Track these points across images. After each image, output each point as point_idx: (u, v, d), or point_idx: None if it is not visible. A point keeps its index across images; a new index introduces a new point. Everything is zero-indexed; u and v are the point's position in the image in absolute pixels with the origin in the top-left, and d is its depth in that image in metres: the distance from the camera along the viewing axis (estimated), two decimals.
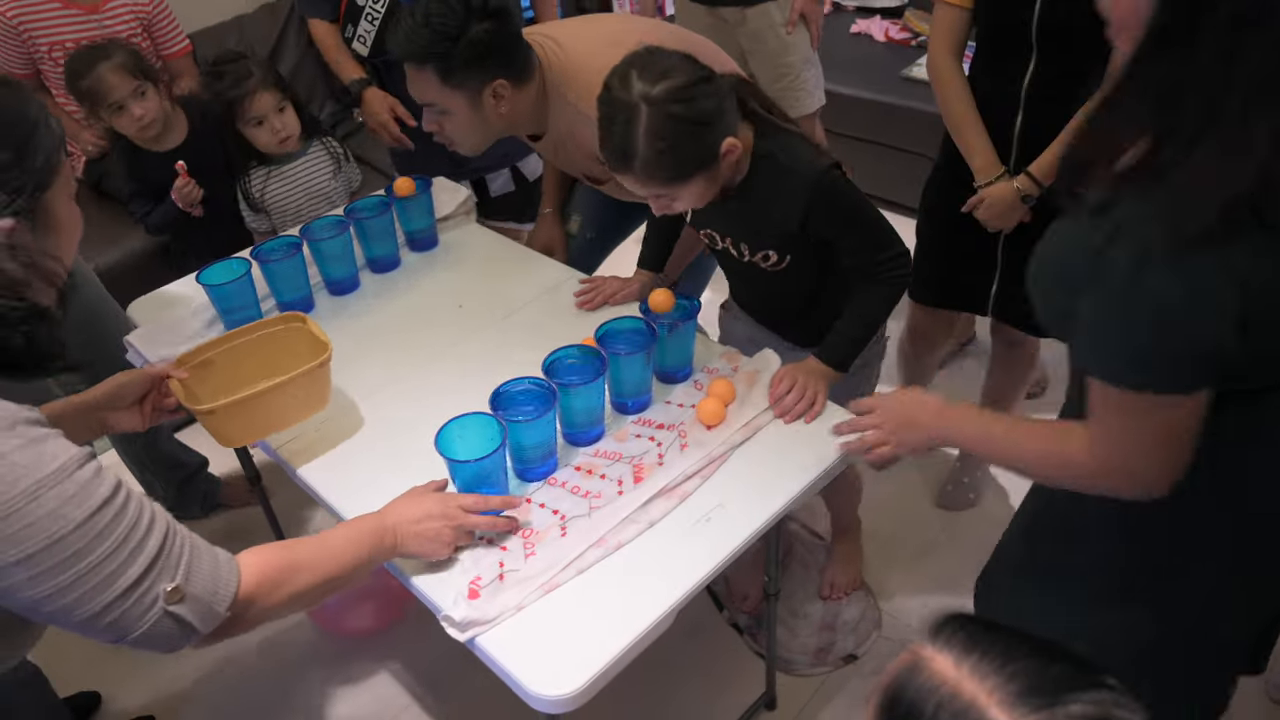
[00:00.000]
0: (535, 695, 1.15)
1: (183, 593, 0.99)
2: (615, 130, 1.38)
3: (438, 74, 1.70)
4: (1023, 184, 1.79)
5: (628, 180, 1.43)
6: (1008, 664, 0.63)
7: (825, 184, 1.47)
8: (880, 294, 1.55)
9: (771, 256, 1.58)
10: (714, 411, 1.48)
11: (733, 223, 1.60)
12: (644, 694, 1.95)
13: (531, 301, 1.85)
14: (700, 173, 1.41)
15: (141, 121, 2.17)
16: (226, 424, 1.45)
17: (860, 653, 2.05)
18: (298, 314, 1.61)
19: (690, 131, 1.36)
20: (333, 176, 2.31)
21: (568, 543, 1.31)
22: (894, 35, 3.43)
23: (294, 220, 2.25)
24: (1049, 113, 1.74)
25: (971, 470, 2.36)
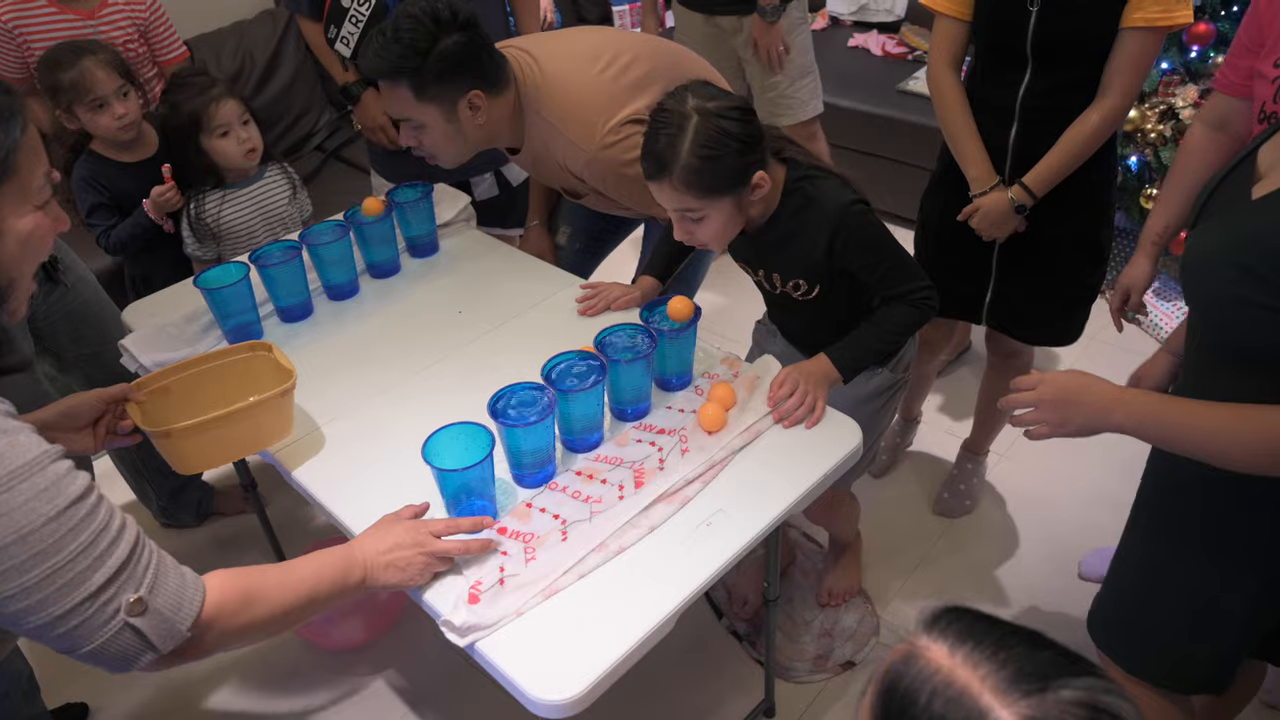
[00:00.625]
0: (536, 700, 1.15)
1: (146, 605, 0.95)
2: (661, 137, 1.42)
3: (411, 89, 1.69)
4: (1017, 194, 1.81)
5: (662, 189, 1.46)
6: (999, 652, 0.64)
7: (849, 215, 1.52)
8: (903, 313, 1.59)
9: (802, 286, 1.63)
10: (715, 417, 1.49)
11: (764, 255, 1.65)
12: (641, 701, 1.94)
13: (531, 308, 1.85)
14: (731, 195, 1.46)
15: (122, 121, 2.10)
16: (183, 448, 1.42)
17: (858, 660, 2.05)
18: (264, 342, 1.59)
19: (735, 148, 1.42)
20: (289, 201, 2.26)
21: (568, 547, 1.31)
22: (890, 49, 3.45)
23: (246, 246, 2.18)
24: (1043, 124, 1.77)
25: (968, 478, 2.36)
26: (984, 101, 1.83)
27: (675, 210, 1.49)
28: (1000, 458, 2.47)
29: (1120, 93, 1.69)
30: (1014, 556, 2.25)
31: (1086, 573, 2.15)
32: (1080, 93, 1.72)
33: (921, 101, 3.11)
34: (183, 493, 2.43)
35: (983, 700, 0.62)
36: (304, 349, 1.79)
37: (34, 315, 1.97)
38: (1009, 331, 2.05)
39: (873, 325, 1.60)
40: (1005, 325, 2.04)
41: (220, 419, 1.40)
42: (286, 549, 2.26)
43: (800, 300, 1.65)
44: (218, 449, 1.47)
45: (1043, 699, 0.61)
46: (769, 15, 2.61)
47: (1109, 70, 1.69)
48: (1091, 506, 2.32)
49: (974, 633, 0.66)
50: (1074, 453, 2.48)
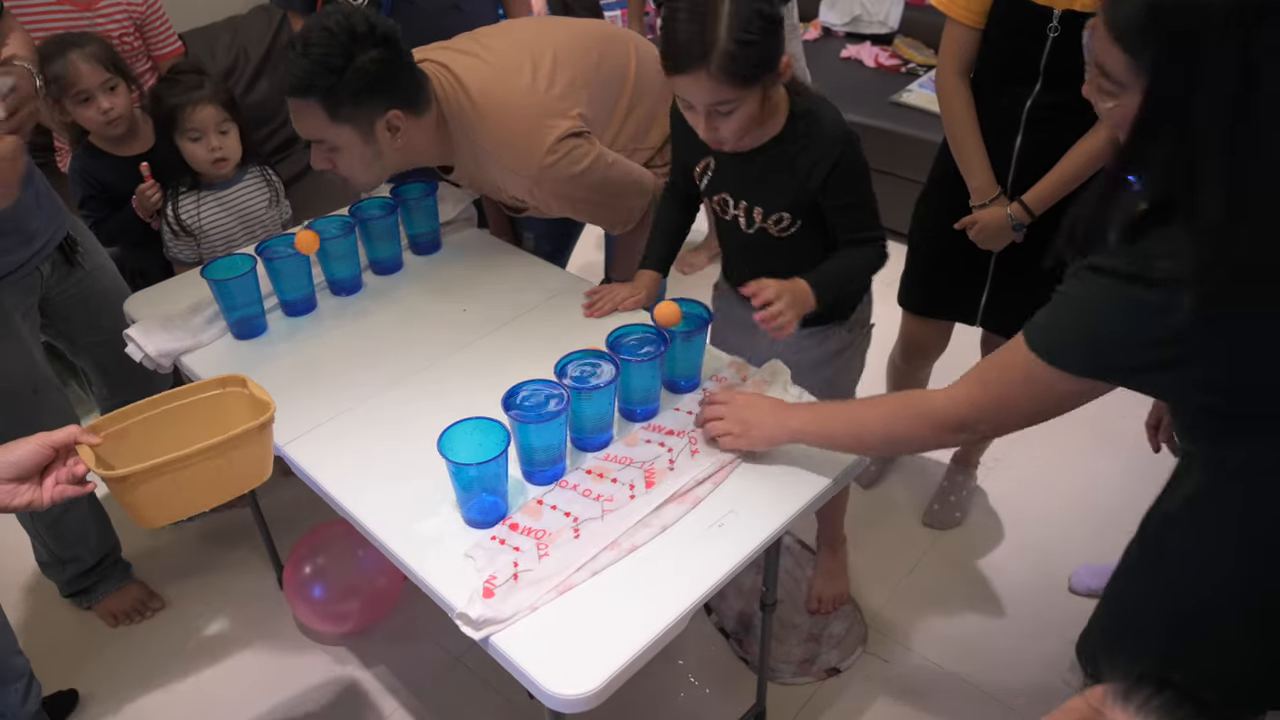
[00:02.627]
0: (552, 694, 1.15)
1: None
2: (686, 23, 1.35)
3: (324, 109, 1.58)
4: (1015, 212, 1.84)
5: (698, 81, 1.36)
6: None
7: (851, 144, 1.52)
8: (867, 255, 1.61)
9: (784, 219, 1.60)
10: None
11: (753, 184, 1.60)
12: (630, 700, 1.94)
13: (536, 307, 1.85)
14: (764, 80, 1.41)
15: (108, 115, 2.07)
16: (143, 495, 1.22)
17: (844, 666, 2.07)
18: (237, 375, 1.37)
19: (771, 29, 1.37)
20: (269, 205, 2.23)
21: (581, 544, 1.31)
22: (884, 61, 3.49)
23: (224, 248, 2.15)
24: (1049, 136, 1.79)
25: (958, 490, 2.39)
26: (990, 110, 1.85)
27: (707, 105, 1.41)
28: (990, 470, 2.50)
29: None
30: (1003, 569, 2.27)
31: (1077, 586, 2.18)
32: (1086, 111, 1.73)
33: (915, 114, 3.15)
34: None
35: None
36: (308, 343, 1.79)
37: (48, 295, 1.95)
38: (1005, 334, 2.06)
39: (839, 259, 1.60)
40: (1000, 327, 2.06)
41: (185, 459, 1.20)
42: (279, 542, 2.25)
43: (775, 238, 1.62)
44: (184, 495, 1.26)
45: None
46: None
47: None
48: (1082, 520, 2.35)
49: (1181, 718, 0.61)
50: (1065, 467, 2.53)
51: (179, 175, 2.13)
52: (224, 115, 2.09)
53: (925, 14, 3.56)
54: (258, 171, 2.22)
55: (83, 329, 1.95)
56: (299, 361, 1.74)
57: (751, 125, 1.48)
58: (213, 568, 2.36)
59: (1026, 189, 1.83)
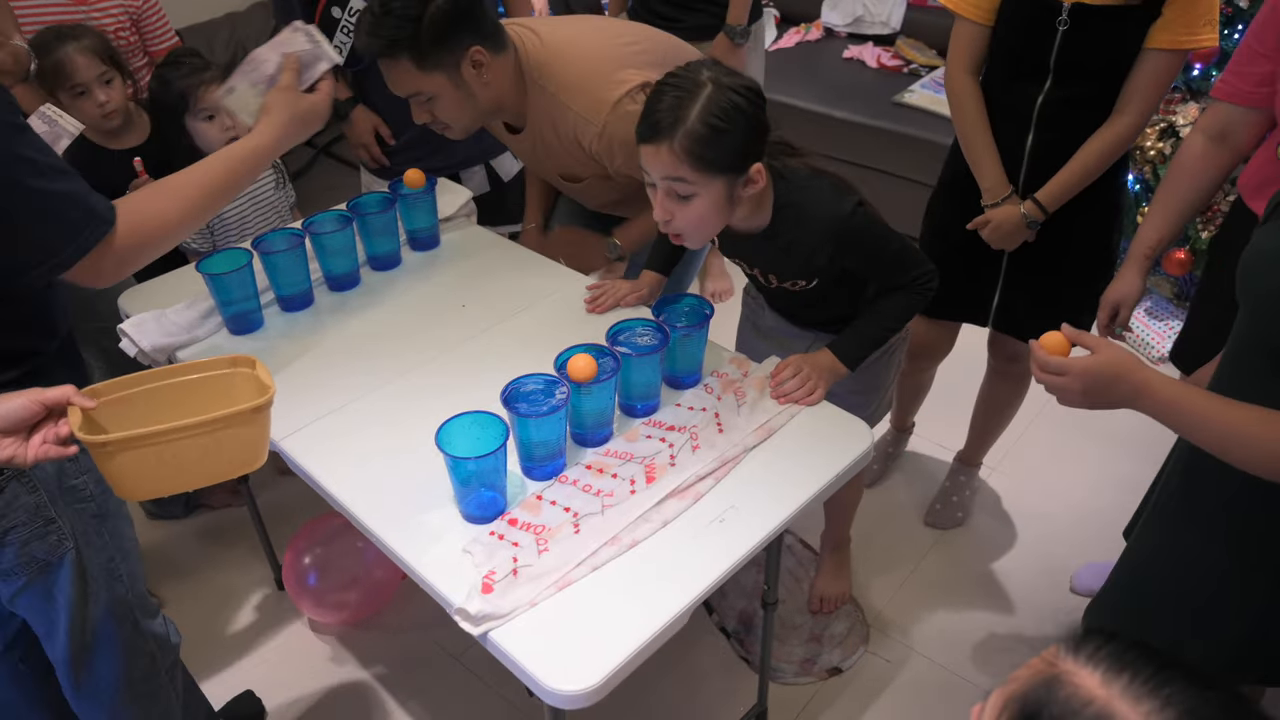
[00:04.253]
0: (551, 691, 1.13)
1: None
2: (667, 99, 1.36)
3: (413, 61, 1.67)
4: (1029, 209, 1.82)
5: (659, 153, 1.37)
6: (1162, 688, 0.59)
7: (849, 229, 1.50)
8: (902, 300, 1.58)
9: (800, 284, 1.62)
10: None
11: (758, 258, 1.63)
12: (631, 699, 1.93)
13: (536, 303, 1.83)
14: (726, 178, 1.40)
15: (105, 109, 2.06)
16: (125, 466, 1.17)
17: (846, 666, 2.05)
18: (248, 357, 1.32)
19: (743, 126, 1.37)
20: (275, 188, 2.23)
21: (581, 540, 1.29)
22: (886, 62, 3.47)
23: (237, 234, 2.16)
24: (1060, 133, 1.78)
25: (961, 490, 2.37)
26: (1000, 107, 1.83)
27: (665, 180, 1.40)
28: (993, 470, 2.48)
29: (1137, 112, 1.71)
30: (1006, 569, 2.25)
31: (1079, 587, 2.16)
32: (1098, 107, 1.74)
33: (917, 115, 3.13)
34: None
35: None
36: (305, 338, 1.77)
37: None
38: (1015, 333, 2.06)
39: (873, 314, 1.60)
40: (1011, 328, 2.04)
41: (170, 433, 1.15)
42: (276, 542, 2.23)
43: (798, 293, 1.64)
44: (167, 471, 1.20)
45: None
46: (738, 37, 2.61)
47: (1128, 89, 1.70)
48: (1084, 521, 2.34)
49: (1129, 662, 0.61)
50: (1068, 467, 2.51)
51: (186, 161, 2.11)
52: None
53: (927, 15, 3.55)
54: None
55: (83, 313, 1.94)
56: (296, 357, 1.72)
57: (709, 224, 1.45)
58: (209, 567, 2.34)
59: (1039, 187, 1.81)
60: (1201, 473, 1.27)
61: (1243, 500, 1.21)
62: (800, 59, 3.64)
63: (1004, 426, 2.30)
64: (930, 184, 2.07)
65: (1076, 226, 1.86)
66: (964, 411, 2.36)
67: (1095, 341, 1.13)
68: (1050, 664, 0.64)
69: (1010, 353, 2.13)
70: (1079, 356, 1.13)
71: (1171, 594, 1.31)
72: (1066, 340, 1.15)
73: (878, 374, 1.79)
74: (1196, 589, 1.28)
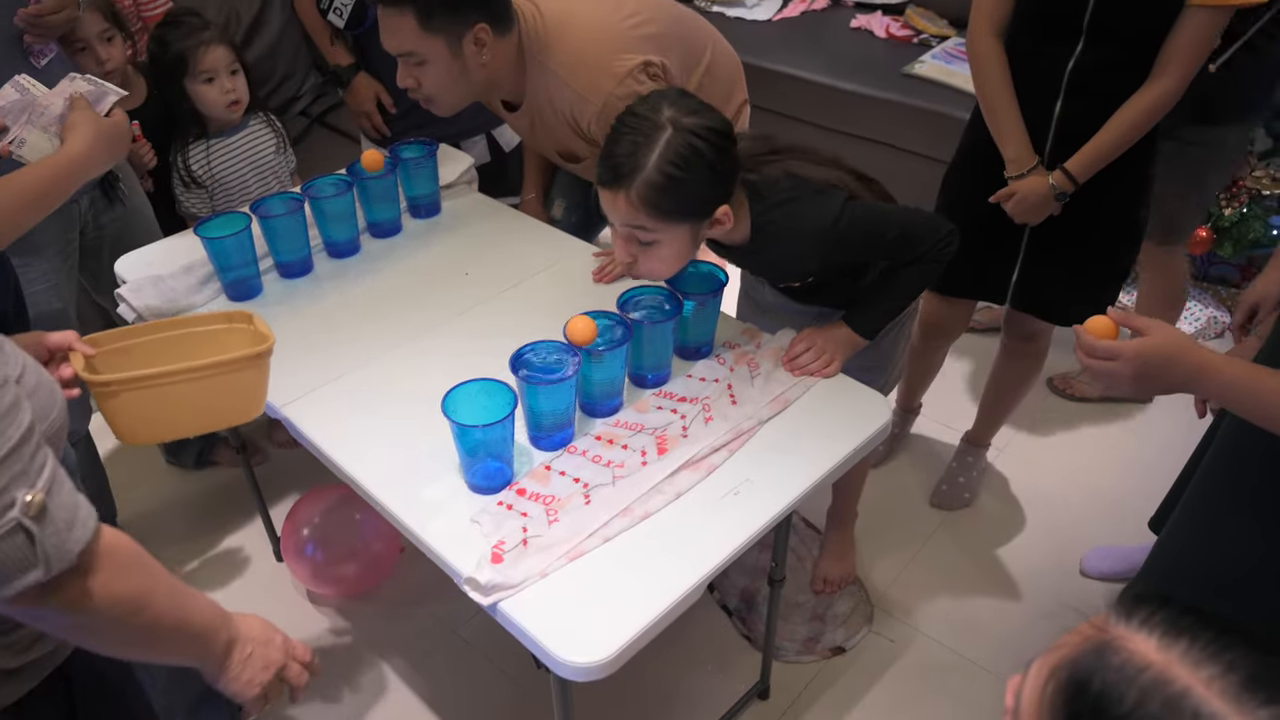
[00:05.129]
0: (563, 662, 1.11)
1: (44, 507, 0.80)
2: (625, 143, 1.30)
3: (417, 17, 1.60)
4: (1058, 181, 1.74)
5: (616, 201, 1.32)
6: (1223, 653, 0.56)
7: (836, 234, 1.44)
8: (917, 271, 1.53)
9: (795, 285, 1.59)
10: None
11: (748, 264, 1.60)
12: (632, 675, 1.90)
13: (540, 271, 1.80)
14: (689, 223, 1.36)
15: (104, 67, 1.99)
16: (128, 409, 1.21)
17: (849, 646, 2.03)
18: (244, 312, 1.39)
19: (705, 173, 1.31)
20: (276, 152, 2.19)
21: (592, 510, 1.26)
22: (895, 32, 3.41)
23: (239, 197, 2.12)
24: (1091, 98, 1.69)
25: (968, 470, 2.34)
26: (1027, 73, 1.75)
27: (624, 226, 1.35)
28: (1000, 452, 2.45)
29: (1177, 75, 1.62)
30: (1012, 551, 2.23)
31: (1089, 570, 2.13)
32: (1132, 70, 1.66)
33: (927, 86, 3.07)
34: (188, 439, 2.41)
35: (1211, 705, 0.54)
36: (305, 306, 1.73)
37: (85, 229, 1.92)
38: (1038, 312, 2.00)
39: (887, 285, 1.55)
40: (1034, 306, 1.98)
41: (172, 375, 1.20)
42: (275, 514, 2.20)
43: (794, 287, 1.62)
44: (170, 416, 1.25)
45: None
46: None
47: (1168, 49, 1.61)
48: (1092, 503, 2.31)
49: (1186, 627, 0.58)
50: (1077, 449, 2.49)
51: (185, 126, 2.08)
52: (232, 56, 2.04)
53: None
54: (262, 117, 2.18)
55: (109, 268, 1.91)
56: (296, 324, 1.68)
57: (677, 264, 1.41)
58: (208, 537, 2.31)
59: (1066, 157, 1.74)
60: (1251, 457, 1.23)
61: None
62: (805, 28, 3.57)
63: (1014, 407, 2.26)
64: (940, 159, 2.01)
65: (1104, 198, 1.79)
66: (972, 392, 2.33)
67: (1145, 323, 1.08)
68: (1100, 630, 0.61)
69: (1026, 331, 2.07)
70: (1129, 340, 1.08)
71: (1210, 580, 1.28)
72: (1113, 323, 1.10)
73: (886, 350, 1.76)
74: (1230, 567, 1.25)
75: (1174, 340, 1.06)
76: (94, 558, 0.87)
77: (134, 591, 0.91)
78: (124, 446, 2.54)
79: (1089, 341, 1.10)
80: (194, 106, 2.05)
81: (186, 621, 0.99)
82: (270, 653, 1.08)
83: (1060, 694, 0.60)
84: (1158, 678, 0.56)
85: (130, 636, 0.94)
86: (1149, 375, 1.07)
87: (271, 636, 1.09)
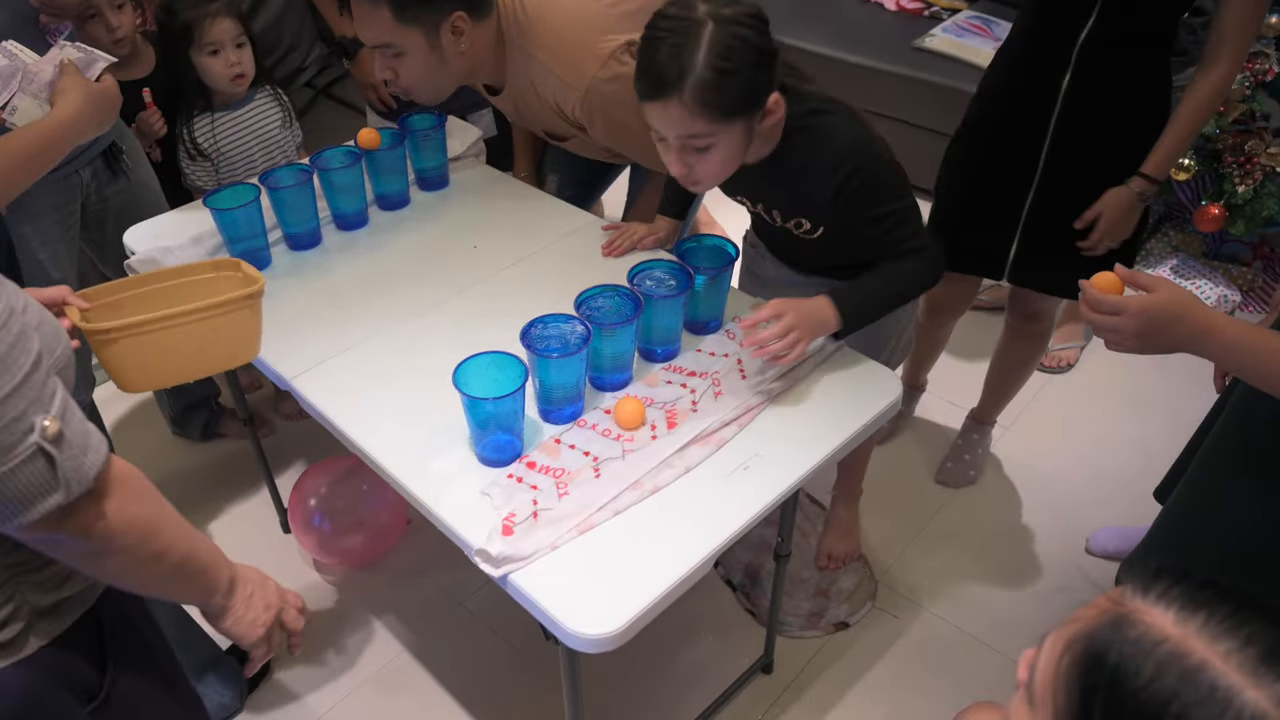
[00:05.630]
0: (573, 634, 1.11)
1: (60, 432, 0.82)
2: (664, 48, 1.25)
3: (391, 9, 1.56)
4: (1141, 187, 1.70)
5: (668, 111, 1.27)
6: (1241, 627, 0.56)
7: (862, 154, 1.41)
8: (914, 268, 1.48)
9: (805, 225, 1.52)
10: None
11: (763, 190, 1.53)
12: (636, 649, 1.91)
13: (549, 245, 1.79)
14: (744, 118, 1.31)
15: (115, 34, 1.97)
16: (125, 355, 1.24)
17: (853, 621, 2.03)
18: (231, 260, 1.43)
19: (754, 61, 1.27)
20: (282, 126, 2.17)
21: (602, 484, 1.26)
22: (905, 4, 3.37)
23: (244, 170, 2.11)
24: (1100, 74, 1.67)
25: (973, 448, 2.34)
26: (1037, 46, 1.73)
27: (679, 137, 1.31)
28: (1006, 429, 2.45)
29: (1231, 59, 1.57)
30: (1018, 529, 2.23)
31: (1095, 548, 2.13)
32: (1145, 45, 1.64)
33: (938, 60, 3.05)
34: (195, 410, 2.43)
35: (1228, 678, 0.54)
36: (314, 278, 1.73)
37: (87, 200, 1.92)
38: (1037, 286, 1.99)
39: (884, 274, 1.48)
40: (1031, 282, 1.97)
41: (168, 319, 1.24)
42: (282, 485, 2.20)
43: (801, 237, 1.55)
44: (166, 360, 1.28)
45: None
46: None
47: (1217, 33, 1.57)
48: (1099, 481, 2.31)
49: (1203, 601, 0.58)
50: (1083, 427, 2.48)
51: (190, 97, 2.07)
52: (239, 29, 2.02)
53: None
54: (269, 90, 2.16)
55: (114, 240, 1.90)
56: (304, 296, 1.68)
57: (733, 165, 1.37)
58: (215, 509, 2.31)
59: (1072, 135, 1.73)
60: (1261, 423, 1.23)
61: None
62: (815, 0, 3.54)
63: (1019, 386, 2.26)
64: (950, 134, 1.99)
65: (1113, 177, 1.75)
66: (978, 369, 2.33)
67: (1152, 280, 1.07)
68: (1117, 603, 0.61)
69: (1030, 311, 2.07)
70: (1135, 296, 1.07)
71: (1215, 547, 1.28)
72: (1120, 280, 1.09)
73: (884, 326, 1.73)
74: (1229, 535, 1.26)
75: (1179, 299, 1.06)
76: (108, 483, 0.89)
77: (146, 518, 0.94)
78: (130, 418, 2.54)
79: (1094, 296, 1.09)
80: (199, 78, 2.04)
81: (194, 553, 1.02)
82: (269, 595, 1.13)
83: (1076, 666, 0.59)
84: (1175, 650, 0.56)
85: (141, 565, 0.96)
86: (1152, 332, 1.06)
87: (267, 580, 1.14)
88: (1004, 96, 1.82)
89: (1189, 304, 1.06)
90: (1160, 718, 0.55)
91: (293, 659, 1.96)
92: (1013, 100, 1.80)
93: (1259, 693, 0.54)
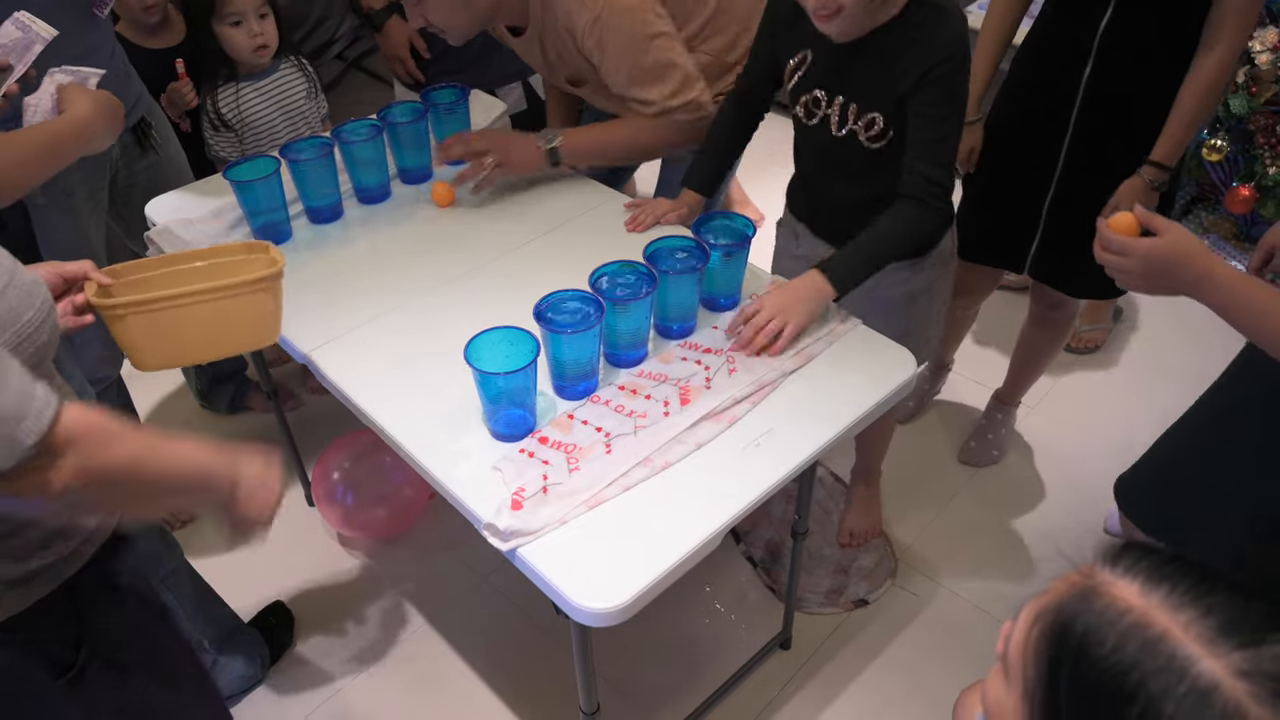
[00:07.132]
0: (578, 608, 1.12)
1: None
2: None
3: None
4: (1153, 175, 1.69)
5: None
6: (1202, 598, 0.57)
7: (958, 61, 1.41)
8: (913, 215, 1.48)
9: (877, 123, 1.48)
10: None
11: (850, 77, 1.49)
12: (656, 624, 1.92)
13: (571, 219, 1.79)
14: None
15: (145, 1, 2.02)
16: (138, 332, 1.22)
17: (872, 599, 2.03)
18: (262, 243, 1.39)
19: None
20: (307, 97, 2.17)
21: (613, 460, 1.27)
22: None
23: (269, 141, 2.12)
24: (1121, 65, 1.65)
25: (997, 428, 2.32)
26: (1056, 39, 1.71)
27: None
28: (1030, 410, 2.43)
29: (1229, 45, 1.56)
30: (1039, 509, 2.21)
31: (1112, 528, 2.12)
32: (1165, 33, 1.61)
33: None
34: (222, 383, 2.46)
35: (1187, 648, 0.55)
36: (334, 251, 1.74)
37: (116, 175, 1.94)
38: (1054, 283, 1.97)
39: (876, 230, 1.48)
40: (1050, 278, 1.95)
41: (181, 297, 1.20)
42: (307, 459, 2.23)
43: (862, 149, 1.51)
44: (180, 339, 1.25)
45: (1258, 652, 0.54)
46: None
47: (1216, 17, 1.55)
48: (1121, 463, 2.27)
49: (1168, 574, 0.59)
50: (1108, 409, 2.45)
51: (215, 67, 2.08)
52: (262, 0, 2.02)
53: None
54: (294, 61, 2.17)
55: (141, 215, 1.93)
56: (324, 269, 1.69)
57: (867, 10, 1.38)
58: None
59: (1094, 123, 1.70)
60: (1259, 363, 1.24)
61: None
62: None
63: (1043, 369, 2.24)
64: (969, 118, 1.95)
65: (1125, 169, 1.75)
66: (1005, 350, 2.30)
67: (1164, 224, 1.10)
68: (1086, 576, 0.62)
69: (1052, 300, 2.04)
70: (1144, 238, 1.10)
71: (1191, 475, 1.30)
72: (1136, 221, 1.11)
73: (917, 319, 1.72)
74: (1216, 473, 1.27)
75: (1184, 244, 1.08)
76: (62, 440, 0.86)
77: (121, 459, 0.93)
78: (157, 389, 2.58)
79: (1106, 235, 1.12)
80: (222, 49, 2.05)
81: (181, 474, 1.01)
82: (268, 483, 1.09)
83: (1045, 637, 0.61)
84: (1138, 621, 0.58)
85: (131, 499, 0.97)
86: (1156, 274, 1.09)
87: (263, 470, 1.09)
88: (1026, 89, 1.81)
89: (1192, 251, 1.07)
90: (1121, 687, 0.56)
91: (314, 626, 2.00)
92: (1035, 93, 1.78)
93: (1215, 662, 0.55)
